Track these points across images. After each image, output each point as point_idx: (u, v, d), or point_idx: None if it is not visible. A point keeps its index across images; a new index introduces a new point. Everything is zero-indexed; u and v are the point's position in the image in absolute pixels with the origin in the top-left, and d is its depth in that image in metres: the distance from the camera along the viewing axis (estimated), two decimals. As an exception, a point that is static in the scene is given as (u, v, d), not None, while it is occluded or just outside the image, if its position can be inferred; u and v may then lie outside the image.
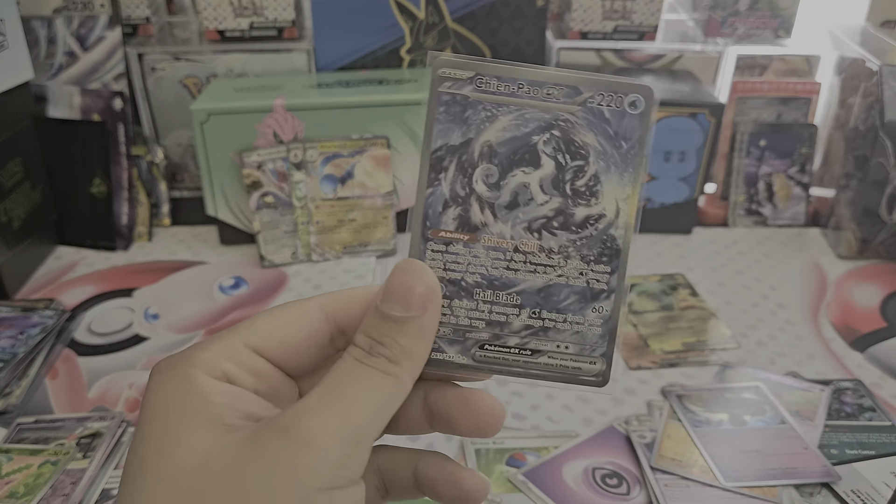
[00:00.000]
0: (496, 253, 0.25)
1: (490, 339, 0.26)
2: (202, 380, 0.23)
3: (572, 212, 0.25)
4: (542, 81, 0.25)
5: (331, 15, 0.80)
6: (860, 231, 0.75)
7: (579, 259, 0.26)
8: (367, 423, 0.23)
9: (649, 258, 0.77)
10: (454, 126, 0.25)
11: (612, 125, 0.25)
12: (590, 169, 0.25)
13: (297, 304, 0.26)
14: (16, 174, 0.70)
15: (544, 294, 0.26)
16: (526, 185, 0.25)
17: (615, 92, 0.25)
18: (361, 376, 0.23)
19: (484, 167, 0.25)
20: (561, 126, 0.25)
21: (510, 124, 0.25)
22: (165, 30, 0.84)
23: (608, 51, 0.86)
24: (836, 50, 0.84)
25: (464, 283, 0.25)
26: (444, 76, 0.25)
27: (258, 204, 0.73)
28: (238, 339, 0.24)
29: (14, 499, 0.46)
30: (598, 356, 0.26)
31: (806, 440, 0.51)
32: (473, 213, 0.25)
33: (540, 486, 0.48)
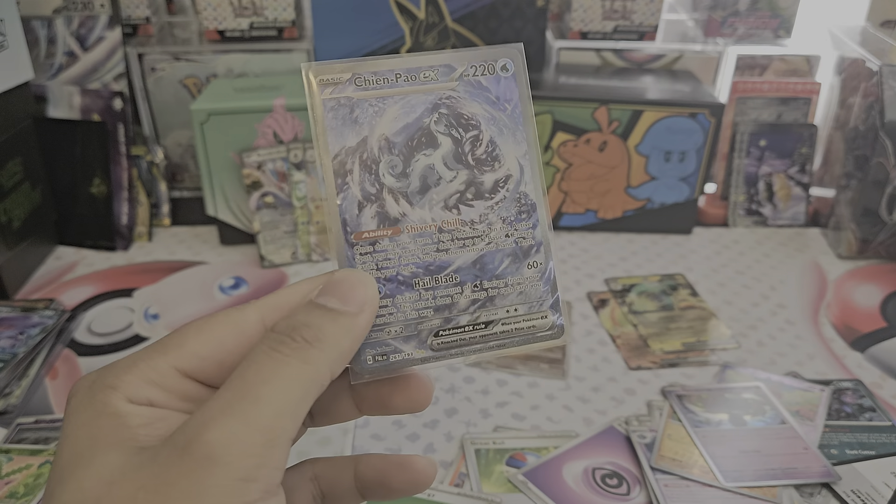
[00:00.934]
0: (423, 239, 0.26)
1: (442, 324, 0.26)
2: (118, 403, 0.21)
3: (481, 180, 0.26)
4: (417, 67, 0.26)
5: (331, 15, 0.80)
6: (860, 231, 0.75)
7: (501, 222, 0.26)
8: (280, 423, 0.21)
9: (649, 258, 0.77)
10: (346, 128, 0.25)
11: (492, 91, 0.26)
12: (484, 136, 0.26)
13: (232, 319, 0.24)
14: (16, 174, 0.70)
15: (479, 265, 0.26)
16: (431, 166, 0.26)
17: (485, 60, 0.26)
18: (273, 369, 0.21)
19: (387, 160, 0.25)
20: (446, 103, 0.26)
21: (399, 113, 0.26)
22: (165, 30, 0.84)
23: (608, 51, 0.86)
24: (836, 50, 0.84)
25: (400, 276, 0.25)
26: (323, 83, 0.25)
27: (258, 204, 0.73)
28: (165, 362, 0.22)
29: (14, 499, 0.46)
30: (546, 309, 0.26)
31: (806, 440, 0.51)
32: (390, 207, 0.25)
33: (540, 486, 0.48)
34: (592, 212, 0.81)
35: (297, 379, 0.21)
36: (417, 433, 0.52)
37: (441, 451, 0.51)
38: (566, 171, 0.79)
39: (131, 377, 0.22)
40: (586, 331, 0.65)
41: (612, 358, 0.61)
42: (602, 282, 0.72)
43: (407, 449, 0.51)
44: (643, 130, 0.76)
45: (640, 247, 0.79)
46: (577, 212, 0.81)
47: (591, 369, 0.60)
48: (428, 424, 0.53)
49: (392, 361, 0.25)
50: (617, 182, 0.79)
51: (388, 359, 0.25)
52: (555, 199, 0.80)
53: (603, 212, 0.81)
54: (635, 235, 0.81)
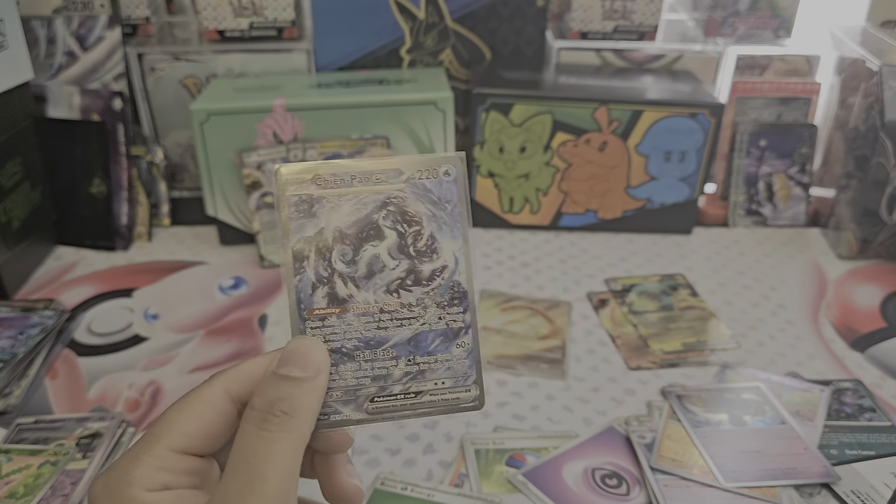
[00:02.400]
0: (366, 317, 0.29)
1: (377, 391, 0.30)
2: (141, 495, 0.25)
3: (420, 269, 0.30)
4: (371, 170, 0.30)
5: (330, 15, 0.80)
6: (860, 231, 0.75)
7: (435, 306, 0.30)
8: (286, 487, 0.25)
9: (649, 258, 0.77)
10: (306, 220, 0.29)
11: (435, 193, 0.30)
12: (425, 231, 0.30)
13: (203, 394, 0.28)
14: (15, 174, 0.70)
15: (414, 342, 0.30)
16: (377, 255, 0.30)
17: (430, 167, 0.30)
18: (267, 447, 0.26)
19: (339, 248, 0.29)
20: (394, 202, 0.30)
21: (352, 209, 0.29)
22: (165, 30, 0.84)
23: (608, 51, 0.86)
24: (837, 50, 0.84)
25: (344, 349, 0.29)
26: (288, 181, 0.29)
27: (258, 204, 0.73)
28: (163, 446, 0.26)
29: (14, 499, 0.46)
30: (471, 384, 0.30)
31: (806, 440, 0.51)
32: (339, 289, 0.29)
33: (540, 486, 0.48)
34: (592, 212, 0.81)
35: (288, 450, 0.26)
36: (417, 433, 0.52)
37: (441, 451, 0.51)
38: (566, 171, 0.79)
39: (141, 469, 0.25)
40: (586, 331, 0.65)
41: (611, 358, 0.61)
42: (602, 282, 0.72)
43: (407, 449, 0.51)
44: (643, 130, 0.76)
45: (639, 247, 0.79)
46: (577, 212, 0.81)
47: (591, 370, 0.60)
48: (428, 424, 0.53)
49: (332, 420, 0.29)
50: (617, 182, 0.79)
51: (329, 418, 0.29)
52: (555, 199, 0.80)
53: (603, 212, 0.81)
54: (635, 235, 0.81)
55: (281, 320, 0.66)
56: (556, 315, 0.66)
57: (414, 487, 0.47)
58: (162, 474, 0.26)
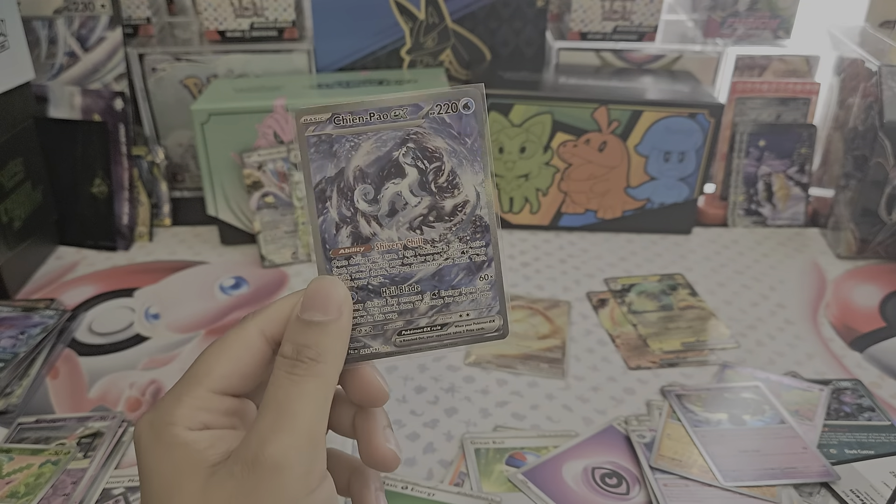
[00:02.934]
0: (390, 255, 0.30)
1: (404, 325, 0.30)
2: (183, 434, 0.26)
3: (442, 205, 0.30)
4: (388, 107, 0.29)
5: (331, 15, 0.80)
6: (859, 231, 0.75)
7: (458, 241, 0.30)
8: (315, 425, 0.27)
9: (649, 258, 0.77)
10: (326, 161, 0.29)
11: (454, 127, 0.30)
12: (446, 167, 0.30)
13: (239, 337, 0.29)
14: (16, 174, 0.70)
15: (438, 277, 0.30)
16: (399, 193, 0.30)
17: (449, 100, 0.30)
18: (297, 388, 0.27)
19: (361, 188, 0.30)
20: (413, 138, 0.30)
21: (372, 147, 0.29)
22: (166, 30, 0.85)
23: (608, 51, 0.86)
24: (836, 50, 0.84)
25: (370, 286, 0.30)
26: (307, 122, 0.29)
27: (259, 204, 0.73)
28: (203, 388, 0.27)
29: (15, 498, 0.46)
30: (494, 314, 0.31)
31: (805, 440, 0.52)
32: (363, 228, 0.30)
33: (540, 485, 0.48)
34: (592, 212, 0.81)
35: (317, 389, 0.27)
36: (417, 432, 0.52)
37: (441, 451, 0.51)
38: (566, 172, 0.79)
39: (183, 410, 0.27)
40: (586, 330, 0.65)
41: (611, 358, 0.61)
42: (601, 282, 0.72)
43: (407, 448, 0.51)
44: (643, 131, 0.76)
45: (639, 247, 0.79)
46: (577, 212, 0.81)
47: (591, 369, 0.60)
48: (428, 424, 0.53)
49: (362, 354, 0.30)
50: (616, 182, 0.79)
51: (360, 352, 0.30)
52: (555, 199, 0.80)
53: (602, 212, 0.81)
54: (635, 235, 0.81)
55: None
56: (556, 315, 0.66)
57: (414, 486, 0.47)
58: (202, 414, 0.27)
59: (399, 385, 0.57)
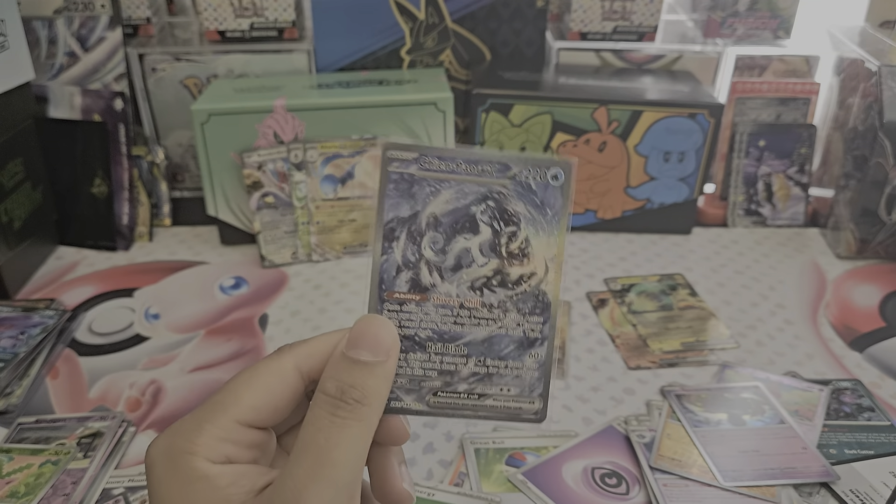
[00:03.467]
0: (444, 310, 0.29)
1: (442, 386, 0.29)
2: (204, 466, 0.24)
3: (508, 271, 0.29)
4: (477, 160, 0.28)
5: (331, 15, 0.80)
6: (859, 231, 0.75)
7: (516, 312, 0.29)
8: (354, 477, 0.25)
9: (649, 258, 0.77)
10: (403, 201, 0.28)
11: (538, 195, 0.29)
12: (521, 234, 0.29)
13: (273, 368, 0.27)
14: (17, 174, 0.70)
15: (487, 344, 0.29)
16: (468, 249, 0.29)
17: (539, 167, 0.29)
18: (339, 433, 0.25)
19: (431, 235, 0.29)
20: (495, 197, 0.29)
21: (451, 197, 0.29)
22: (166, 30, 0.85)
23: (608, 51, 0.86)
24: (836, 50, 0.84)
25: (417, 337, 0.29)
26: (391, 157, 0.28)
27: (258, 204, 0.73)
28: (230, 417, 0.25)
29: (15, 498, 0.46)
30: (535, 396, 0.29)
31: (805, 440, 0.52)
32: (423, 276, 0.29)
33: (539, 485, 0.48)
34: (592, 212, 0.81)
35: (358, 437, 0.25)
36: (417, 433, 0.52)
37: (441, 451, 0.51)
38: (566, 172, 0.79)
39: (204, 439, 0.25)
40: (586, 330, 0.65)
41: (611, 358, 0.61)
42: (601, 282, 0.72)
43: (407, 448, 0.51)
44: (642, 131, 0.76)
45: (639, 247, 0.79)
46: (577, 212, 0.81)
47: (591, 369, 0.60)
48: (428, 424, 0.53)
49: (392, 407, 0.29)
50: (616, 182, 0.79)
51: (390, 404, 0.28)
52: (554, 200, 0.80)
53: (602, 212, 0.81)
54: (635, 235, 0.81)
55: (281, 320, 0.66)
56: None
57: (414, 486, 0.47)
58: (226, 446, 0.25)
59: (399, 385, 0.57)
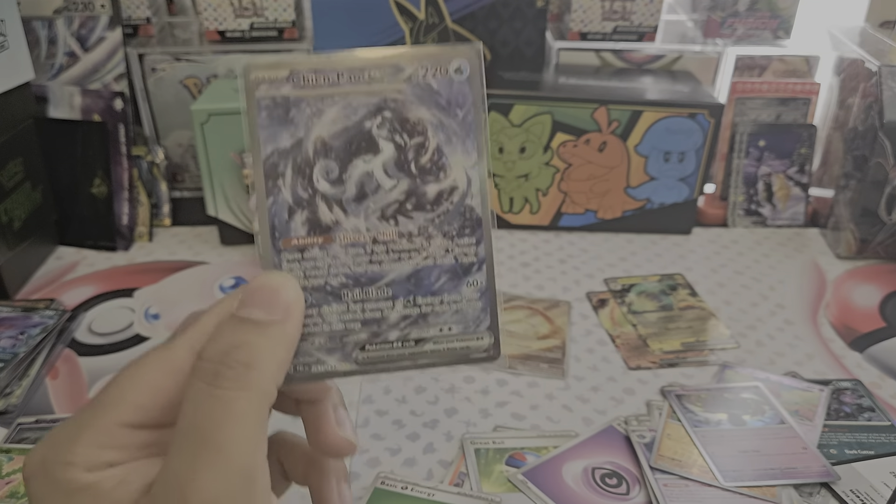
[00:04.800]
0: (355, 249, 0.24)
1: (369, 338, 0.25)
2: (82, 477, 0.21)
3: (423, 190, 0.25)
4: (362, 66, 0.24)
5: (331, 15, 0.80)
6: (859, 231, 0.75)
7: (441, 236, 0.25)
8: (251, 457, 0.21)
9: (648, 258, 0.77)
10: (281, 129, 0.24)
11: (443, 95, 0.24)
12: (430, 144, 0.24)
13: (163, 357, 0.23)
14: (16, 174, 0.70)
15: (414, 280, 0.25)
16: (370, 173, 0.24)
17: (438, 62, 0.24)
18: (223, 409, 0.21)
19: (322, 164, 0.24)
20: (391, 107, 0.24)
21: (339, 115, 0.24)
22: (166, 30, 0.85)
23: (608, 51, 0.86)
24: (836, 50, 0.84)
25: (328, 287, 0.24)
26: (258, 79, 0.24)
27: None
28: (111, 420, 0.22)
29: (15, 499, 0.46)
30: (483, 330, 0.25)
31: (805, 440, 0.52)
32: (322, 214, 0.24)
33: (539, 485, 0.48)
34: (592, 212, 0.81)
35: (248, 411, 0.21)
36: (417, 433, 0.52)
37: (441, 451, 0.51)
38: (566, 172, 0.79)
39: (82, 448, 0.21)
40: (586, 331, 0.65)
41: (611, 358, 0.61)
42: (601, 282, 0.72)
43: (407, 448, 0.51)
44: (642, 131, 0.76)
45: (639, 247, 0.79)
46: (577, 212, 0.81)
47: (591, 369, 0.60)
48: (428, 424, 0.53)
49: (314, 372, 0.24)
50: (616, 182, 0.79)
51: (311, 369, 0.24)
52: (554, 200, 0.80)
53: (602, 212, 0.81)
54: (635, 235, 0.81)
55: (281, 320, 0.66)
56: (556, 315, 0.66)
57: (414, 487, 0.47)
58: (108, 452, 0.21)
59: (399, 385, 0.57)
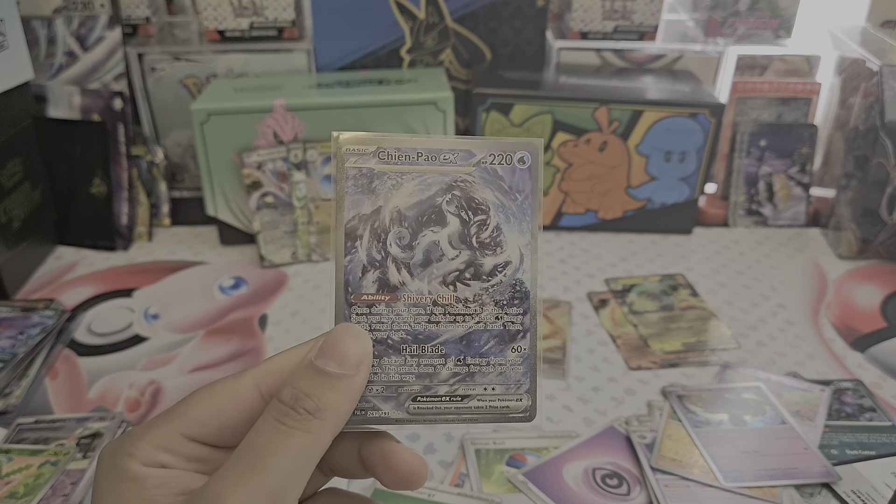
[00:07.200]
0: (417, 309, 0.27)
1: (421, 390, 0.27)
2: (136, 468, 0.24)
3: (481, 262, 0.27)
4: (439, 149, 0.27)
5: (331, 15, 0.80)
6: (860, 231, 0.75)
7: (493, 305, 0.27)
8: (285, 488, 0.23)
9: (649, 258, 0.77)
10: (363, 196, 0.27)
11: (506, 181, 0.27)
12: (491, 221, 0.27)
13: (230, 385, 0.26)
14: (16, 174, 0.70)
15: (466, 341, 0.27)
16: (436, 242, 0.27)
17: (504, 151, 0.27)
18: (279, 440, 0.23)
19: (396, 231, 0.27)
20: (461, 186, 0.27)
21: (415, 189, 0.27)
22: (165, 30, 0.84)
23: (608, 51, 0.86)
24: (837, 50, 0.84)
25: (390, 341, 0.27)
26: (349, 152, 0.27)
27: (258, 204, 0.73)
28: (173, 428, 0.25)
29: (14, 499, 0.46)
30: (523, 393, 0.27)
31: (806, 440, 0.51)
32: (391, 275, 0.27)
33: (540, 486, 0.48)
34: (593, 212, 0.81)
35: (301, 449, 0.24)
36: (418, 433, 0.52)
37: (441, 451, 0.51)
38: (566, 171, 0.79)
39: (144, 444, 0.24)
40: (586, 331, 0.65)
41: (612, 358, 0.61)
42: (602, 282, 0.72)
43: (407, 449, 0.51)
44: (643, 130, 0.76)
45: (640, 247, 0.79)
46: (578, 212, 0.81)
47: (592, 369, 0.60)
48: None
49: (369, 417, 0.27)
50: (617, 182, 0.79)
51: (367, 414, 0.27)
52: (555, 199, 0.80)
53: (603, 212, 0.81)
54: (635, 235, 0.81)
55: (281, 321, 0.66)
56: (557, 315, 0.66)
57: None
58: (163, 454, 0.25)
59: (399, 385, 0.57)
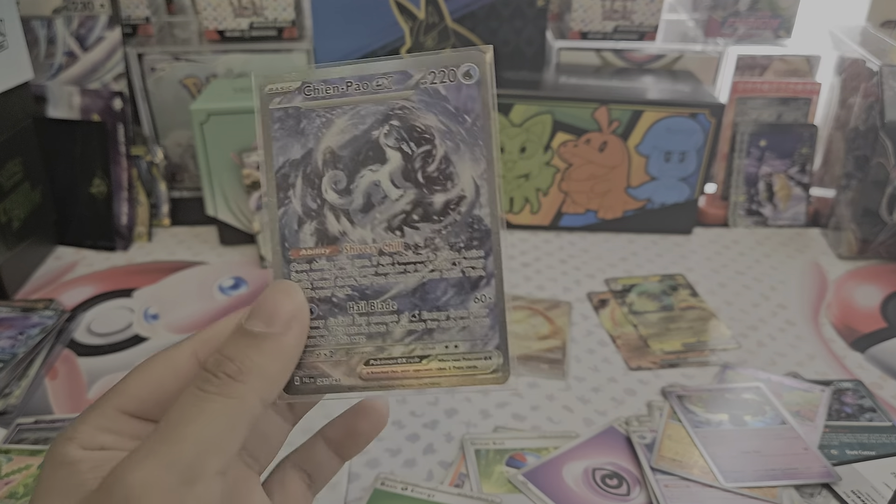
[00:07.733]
0: (361, 260, 0.24)
1: (374, 352, 0.24)
2: (73, 452, 0.23)
3: (430, 200, 0.24)
4: (370, 74, 0.24)
5: (331, 15, 0.80)
6: (860, 231, 0.75)
7: (448, 248, 0.24)
8: (201, 458, 0.21)
9: (649, 258, 0.77)
10: (292, 140, 0.24)
11: (451, 101, 0.24)
12: (438, 152, 0.24)
13: (168, 356, 0.25)
14: (15, 174, 0.70)
15: (420, 294, 0.24)
16: (377, 182, 0.24)
17: (446, 66, 0.24)
18: (197, 407, 0.22)
19: (330, 174, 0.24)
20: (399, 115, 0.24)
21: (347, 125, 0.24)
22: (165, 30, 0.84)
23: (608, 51, 0.86)
24: (837, 50, 0.84)
25: (335, 298, 0.24)
26: (271, 92, 0.24)
27: (258, 204, 0.73)
28: (110, 406, 0.24)
29: (14, 499, 0.46)
30: (491, 349, 0.24)
31: (806, 441, 0.51)
32: (330, 225, 0.24)
33: (540, 486, 0.48)
34: (592, 212, 0.81)
35: (221, 415, 0.22)
36: (417, 433, 0.52)
37: (441, 452, 0.51)
38: (566, 172, 0.79)
39: (86, 427, 0.23)
40: (586, 331, 0.65)
41: (612, 358, 0.61)
42: (602, 282, 0.72)
43: (407, 449, 0.51)
44: (643, 130, 0.76)
45: (640, 247, 0.79)
46: (578, 212, 0.81)
47: (592, 370, 0.59)
48: (428, 425, 0.53)
49: (319, 385, 0.24)
50: (617, 182, 0.79)
51: (316, 382, 0.24)
52: (555, 200, 0.80)
53: (603, 212, 0.81)
54: (635, 236, 0.81)
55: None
56: (557, 315, 0.66)
57: (414, 487, 0.47)
58: (103, 435, 0.23)
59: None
